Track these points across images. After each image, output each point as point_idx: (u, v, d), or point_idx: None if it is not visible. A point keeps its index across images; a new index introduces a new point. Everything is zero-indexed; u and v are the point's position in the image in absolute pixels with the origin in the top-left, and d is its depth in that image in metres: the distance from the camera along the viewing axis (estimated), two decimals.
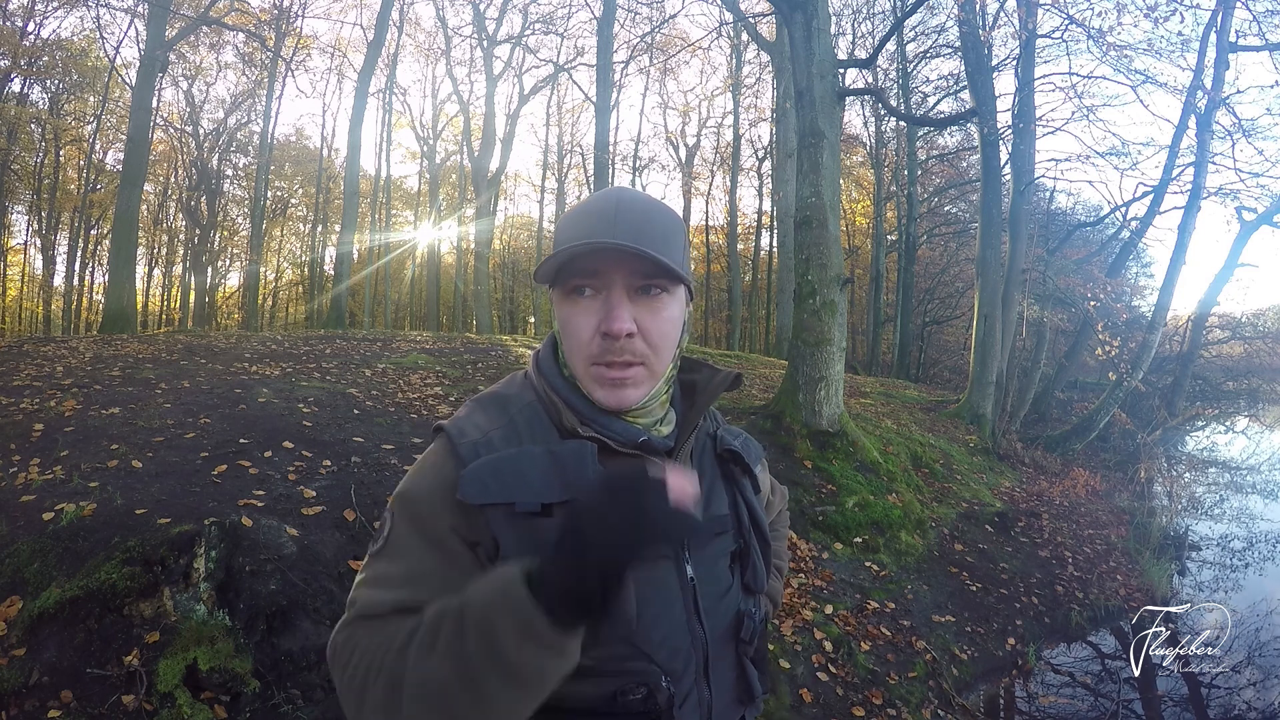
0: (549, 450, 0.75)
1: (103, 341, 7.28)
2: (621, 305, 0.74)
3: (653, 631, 0.74)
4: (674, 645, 0.76)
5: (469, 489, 0.71)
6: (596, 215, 0.76)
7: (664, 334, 0.77)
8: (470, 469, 0.73)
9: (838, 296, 5.81)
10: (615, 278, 0.75)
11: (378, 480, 3.45)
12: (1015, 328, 10.58)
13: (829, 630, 3.56)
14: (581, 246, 0.73)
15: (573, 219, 0.79)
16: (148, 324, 24.32)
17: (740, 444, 0.91)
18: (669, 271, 0.75)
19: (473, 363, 7.46)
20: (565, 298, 0.77)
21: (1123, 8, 8.10)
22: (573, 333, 0.77)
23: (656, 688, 0.73)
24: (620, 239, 0.72)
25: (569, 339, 0.78)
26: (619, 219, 0.75)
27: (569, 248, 0.73)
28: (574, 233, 0.76)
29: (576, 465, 0.74)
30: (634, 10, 17.13)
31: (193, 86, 22.82)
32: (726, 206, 26.31)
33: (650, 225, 0.76)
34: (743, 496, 0.88)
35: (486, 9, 19.75)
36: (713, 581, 0.82)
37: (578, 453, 0.75)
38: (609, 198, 0.78)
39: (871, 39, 18.85)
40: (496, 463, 0.73)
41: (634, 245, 0.72)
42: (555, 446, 0.76)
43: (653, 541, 0.60)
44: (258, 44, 18.68)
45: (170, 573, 2.33)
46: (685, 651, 0.77)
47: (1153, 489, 8.92)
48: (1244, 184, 10.83)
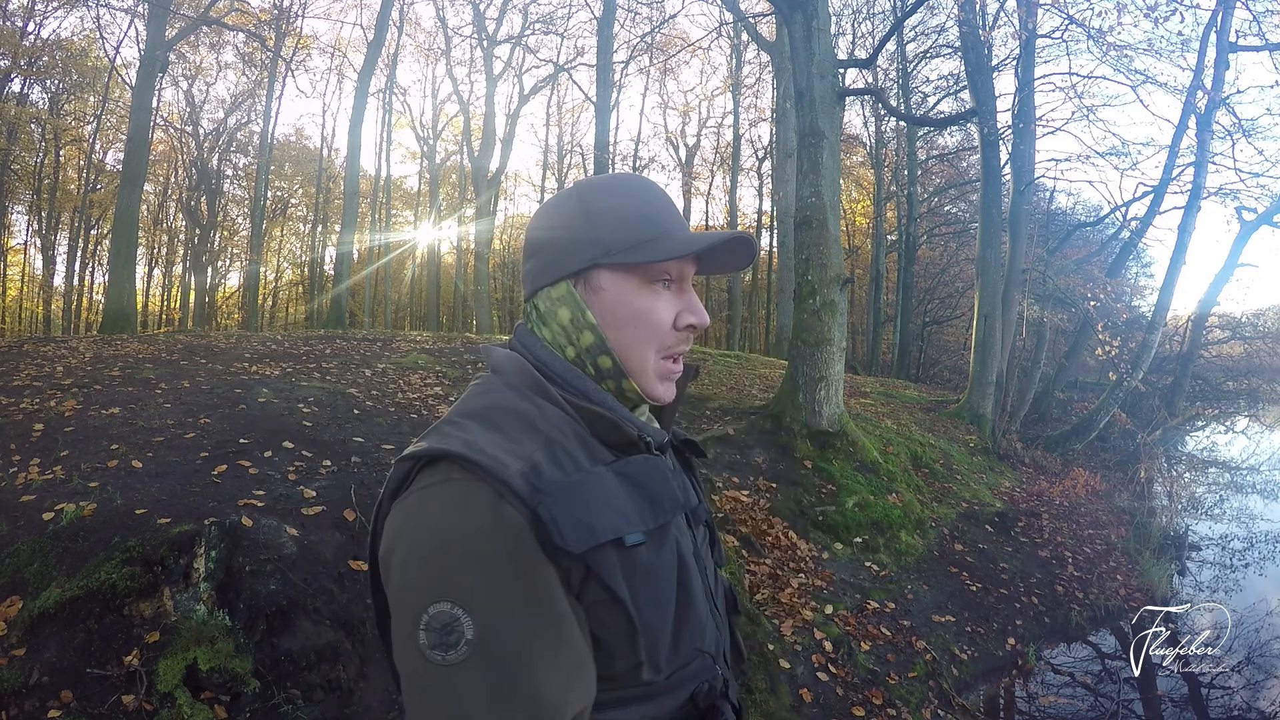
0: (614, 470, 0.67)
1: (103, 341, 7.28)
2: (699, 300, 0.76)
3: (705, 626, 0.76)
4: (712, 633, 0.78)
5: (572, 533, 0.59)
6: (669, 206, 0.77)
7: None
8: (555, 507, 0.59)
9: (838, 296, 5.81)
10: (689, 271, 0.77)
11: (378, 480, 3.45)
12: (1015, 328, 10.58)
13: (829, 630, 3.56)
14: (729, 235, 0.75)
15: (651, 201, 0.75)
16: (148, 324, 24.31)
17: (684, 431, 0.96)
18: (746, 260, 0.79)
19: (472, 363, 7.46)
20: (646, 287, 0.73)
21: (1123, 8, 8.11)
22: (654, 323, 0.73)
23: (714, 678, 0.75)
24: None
25: (645, 329, 0.73)
26: (678, 211, 0.78)
27: (717, 235, 0.74)
28: (667, 219, 0.75)
29: (660, 483, 0.69)
30: (634, 10, 17.14)
31: (193, 86, 22.84)
32: (726, 206, 26.35)
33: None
34: (695, 481, 0.91)
35: (486, 9, 19.77)
36: (711, 565, 0.86)
37: (654, 469, 0.70)
38: (662, 190, 0.79)
39: (871, 39, 18.85)
40: (580, 494, 0.62)
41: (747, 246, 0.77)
42: (620, 466, 0.67)
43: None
44: (258, 44, 18.68)
45: (170, 573, 2.33)
46: (715, 636, 0.79)
47: (1153, 489, 8.92)
48: (1244, 184, 10.84)
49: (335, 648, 2.37)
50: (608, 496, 0.64)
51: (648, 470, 0.68)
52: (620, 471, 0.67)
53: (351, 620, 2.49)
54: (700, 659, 0.74)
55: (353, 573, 2.71)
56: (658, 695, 0.70)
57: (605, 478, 0.65)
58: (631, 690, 0.67)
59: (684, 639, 0.70)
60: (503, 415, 0.68)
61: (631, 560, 0.63)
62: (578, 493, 0.62)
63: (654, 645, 0.66)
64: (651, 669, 0.67)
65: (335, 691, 2.27)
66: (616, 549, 0.62)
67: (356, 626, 2.47)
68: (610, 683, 0.65)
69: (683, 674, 0.71)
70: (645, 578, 0.65)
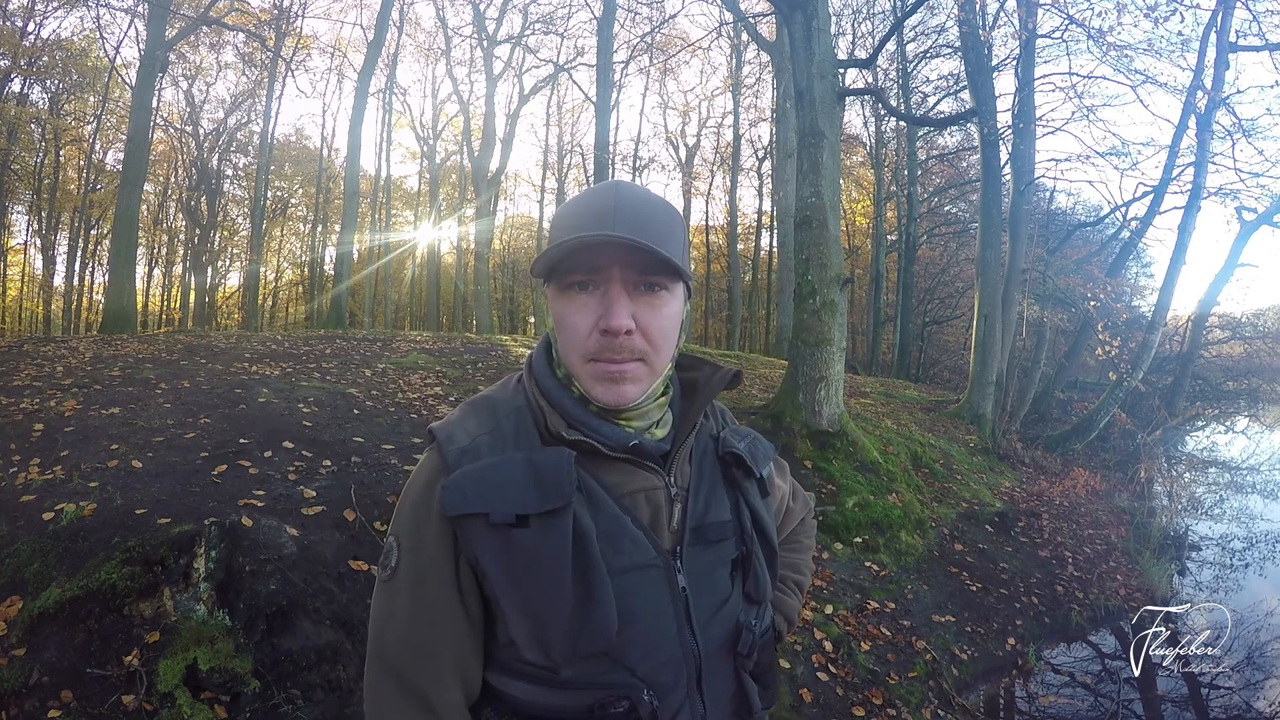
0: (528, 458, 0.73)
1: (103, 341, 7.28)
2: (620, 301, 0.71)
3: (637, 643, 0.73)
4: (662, 657, 0.74)
5: (449, 499, 0.70)
6: (595, 209, 0.73)
7: (664, 331, 0.74)
8: (452, 479, 0.72)
9: (838, 296, 5.81)
10: (614, 273, 0.71)
11: (378, 480, 3.45)
12: (1015, 328, 10.58)
13: (829, 630, 3.56)
14: (578, 240, 0.69)
15: (570, 212, 0.76)
16: (148, 324, 24.31)
17: (745, 446, 0.87)
18: (669, 266, 0.71)
19: (472, 363, 7.46)
20: (562, 293, 0.74)
21: (1123, 8, 8.11)
22: (569, 329, 0.74)
23: (638, 701, 0.72)
24: (620, 233, 0.69)
25: (565, 335, 0.75)
26: (619, 213, 0.71)
27: (566, 241, 0.70)
28: (572, 226, 0.72)
29: (555, 473, 0.71)
30: (634, 10, 17.12)
31: (193, 86, 22.84)
32: (726, 206, 26.34)
33: (651, 219, 0.73)
34: (746, 501, 0.84)
35: (486, 9, 19.77)
36: (709, 591, 0.79)
37: (556, 461, 0.72)
38: (608, 191, 0.75)
39: (871, 39, 18.85)
40: (479, 471, 0.72)
41: (633, 238, 0.69)
42: (536, 454, 0.73)
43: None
44: (258, 44, 18.68)
45: (170, 573, 2.33)
46: (675, 664, 0.75)
47: (1153, 489, 8.91)
48: (1244, 184, 10.83)
49: (335, 648, 2.37)
50: (501, 479, 0.71)
51: (551, 461, 0.72)
52: (532, 460, 0.73)
53: (351, 620, 2.49)
54: (619, 673, 0.72)
55: (353, 573, 2.71)
56: (557, 687, 0.72)
57: (514, 463, 0.72)
58: (526, 666, 0.73)
59: (583, 637, 0.69)
60: (483, 403, 0.81)
61: (507, 539, 0.70)
62: (480, 472, 0.72)
63: (538, 628, 0.69)
64: (536, 652, 0.70)
65: (335, 691, 2.27)
66: (487, 525, 0.70)
67: (356, 626, 2.47)
68: (505, 649, 0.74)
69: (590, 678, 0.71)
70: (523, 558, 0.69)
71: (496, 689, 0.75)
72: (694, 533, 0.79)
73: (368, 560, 2.80)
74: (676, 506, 0.79)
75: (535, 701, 0.73)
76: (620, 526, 0.74)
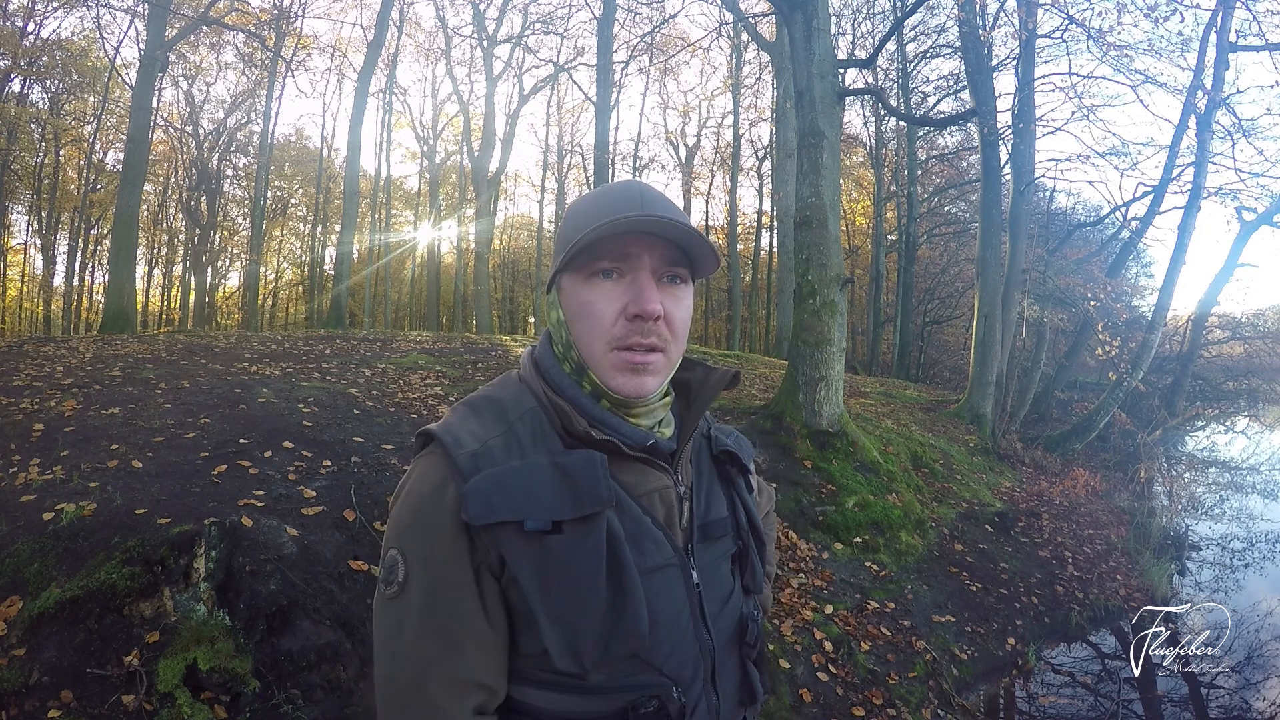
0: (554, 462, 0.71)
1: (103, 341, 7.28)
2: (651, 286, 0.72)
3: (662, 642, 0.73)
4: (683, 654, 0.76)
5: (474, 507, 0.66)
6: (625, 199, 0.74)
7: (684, 323, 0.76)
8: (473, 485, 0.68)
9: (838, 296, 5.81)
10: (644, 259, 0.73)
11: (378, 480, 3.45)
12: (1015, 328, 10.58)
13: (829, 630, 3.56)
14: (627, 221, 0.70)
15: (595, 203, 0.76)
16: (148, 324, 24.32)
17: (734, 443, 0.90)
18: (703, 247, 0.73)
19: (472, 363, 7.46)
20: (586, 281, 0.74)
21: (1123, 8, 8.11)
22: (595, 315, 0.73)
23: (668, 699, 0.73)
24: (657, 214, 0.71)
25: (588, 322, 0.74)
26: (646, 202, 0.74)
27: (604, 224, 0.70)
28: (602, 214, 0.73)
29: (588, 478, 0.70)
30: (634, 10, 17.13)
31: (193, 86, 22.85)
32: (726, 206, 26.35)
33: (676, 212, 0.74)
34: (739, 497, 0.87)
35: (486, 9, 19.78)
36: (716, 586, 0.81)
37: (587, 464, 0.71)
38: (632, 185, 0.77)
39: (871, 39, 18.85)
40: (501, 476, 0.69)
41: (671, 218, 0.70)
42: (561, 458, 0.71)
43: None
44: (258, 44, 18.69)
45: (170, 573, 2.33)
46: (694, 659, 0.77)
47: (1153, 489, 8.91)
48: (1244, 184, 10.83)
49: (335, 648, 2.37)
50: (528, 484, 0.68)
51: (581, 465, 0.71)
52: (558, 463, 0.70)
53: (351, 620, 2.49)
54: (648, 673, 0.72)
55: (353, 572, 2.71)
56: (586, 693, 0.71)
57: (539, 467, 0.70)
58: (553, 675, 0.71)
59: (616, 640, 0.69)
60: (485, 403, 0.77)
61: (540, 546, 0.68)
62: (503, 477, 0.69)
63: (571, 636, 0.68)
64: (568, 660, 0.68)
65: (335, 691, 2.26)
66: (520, 532, 0.67)
67: (356, 626, 2.47)
68: (529, 660, 0.71)
69: (620, 681, 0.71)
70: (557, 566, 0.68)
71: (518, 701, 0.73)
72: (701, 530, 0.81)
73: (368, 560, 2.80)
74: (685, 505, 0.80)
75: (564, 711, 0.71)
76: (643, 528, 0.74)
